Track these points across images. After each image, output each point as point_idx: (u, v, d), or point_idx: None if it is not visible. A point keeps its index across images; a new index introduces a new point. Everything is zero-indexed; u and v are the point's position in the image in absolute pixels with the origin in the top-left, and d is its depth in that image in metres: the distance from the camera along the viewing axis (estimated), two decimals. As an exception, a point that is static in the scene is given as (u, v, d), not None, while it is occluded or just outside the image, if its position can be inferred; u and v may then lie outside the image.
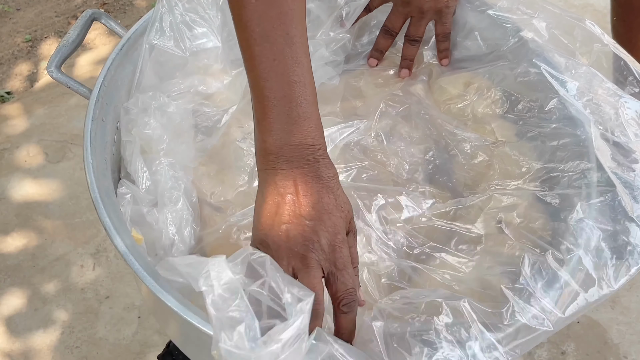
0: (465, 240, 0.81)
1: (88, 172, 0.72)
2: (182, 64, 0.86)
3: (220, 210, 0.84)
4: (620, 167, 0.72)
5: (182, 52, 0.85)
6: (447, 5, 0.89)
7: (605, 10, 1.75)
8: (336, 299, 0.59)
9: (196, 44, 0.86)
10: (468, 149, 0.87)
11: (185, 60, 0.85)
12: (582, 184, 0.76)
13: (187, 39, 0.85)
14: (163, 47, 0.84)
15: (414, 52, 0.93)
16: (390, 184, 0.87)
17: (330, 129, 0.88)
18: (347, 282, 0.58)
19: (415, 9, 0.90)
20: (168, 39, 0.84)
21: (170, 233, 0.76)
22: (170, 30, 0.85)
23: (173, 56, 0.85)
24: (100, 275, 1.30)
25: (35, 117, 1.56)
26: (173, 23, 0.85)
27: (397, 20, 0.92)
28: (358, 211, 0.83)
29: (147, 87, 0.82)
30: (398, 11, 0.91)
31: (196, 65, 0.86)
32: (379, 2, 0.92)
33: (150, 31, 0.83)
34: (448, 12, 0.90)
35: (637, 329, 1.25)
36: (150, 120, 0.80)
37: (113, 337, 1.22)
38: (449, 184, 0.86)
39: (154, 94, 0.82)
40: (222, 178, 0.85)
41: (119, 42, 0.84)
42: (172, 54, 0.84)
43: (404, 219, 0.84)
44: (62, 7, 1.91)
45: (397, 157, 0.88)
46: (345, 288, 0.58)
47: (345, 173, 0.87)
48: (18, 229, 1.36)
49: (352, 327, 0.61)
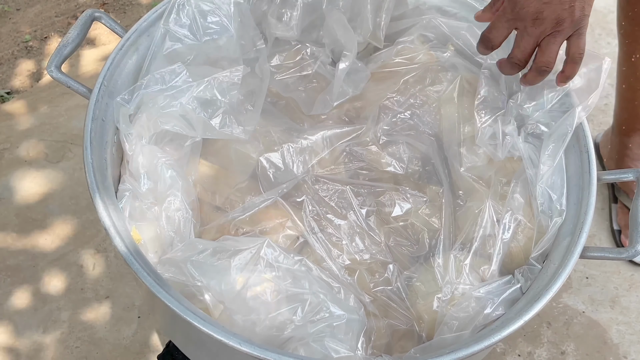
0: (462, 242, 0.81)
1: (88, 172, 0.72)
2: (194, 52, 0.85)
3: (220, 209, 0.84)
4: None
5: (196, 39, 0.84)
6: (584, 14, 0.75)
7: (606, 10, 1.75)
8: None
9: (209, 32, 0.85)
10: (465, 150, 0.87)
11: (198, 48, 0.85)
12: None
13: (201, 27, 0.84)
14: (177, 33, 0.83)
15: (539, 81, 0.80)
16: (388, 184, 0.87)
17: (331, 131, 0.88)
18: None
19: (549, 26, 0.75)
20: (182, 26, 0.84)
21: (170, 231, 0.76)
22: (187, 17, 0.84)
23: (186, 43, 0.84)
24: (100, 275, 1.30)
25: (35, 117, 1.55)
26: (189, 10, 0.84)
27: (527, 45, 0.77)
28: (353, 210, 0.83)
29: (155, 75, 0.82)
30: (528, 33, 0.76)
31: (207, 54, 0.86)
32: (504, 36, 0.79)
33: (168, 16, 0.83)
34: (585, 24, 0.76)
35: (637, 329, 1.25)
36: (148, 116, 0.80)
37: (113, 337, 1.22)
38: (445, 184, 0.86)
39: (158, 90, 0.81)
40: (222, 178, 0.85)
41: (119, 42, 0.84)
42: (185, 40, 0.84)
43: (399, 217, 0.84)
44: (62, 7, 1.90)
45: (395, 158, 0.88)
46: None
47: (343, 173, 0.87)
48: (18, 229, 1.36)
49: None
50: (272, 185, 0.84)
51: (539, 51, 0.77)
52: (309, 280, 0.72)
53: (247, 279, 0.71)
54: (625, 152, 1.33)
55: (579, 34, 0.76)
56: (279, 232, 0.82)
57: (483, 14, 0.82)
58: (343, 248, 0.81)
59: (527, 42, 0.76)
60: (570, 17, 0.74)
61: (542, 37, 0.76)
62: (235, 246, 0.73)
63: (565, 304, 1.28)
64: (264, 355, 0.63)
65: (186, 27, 0.84)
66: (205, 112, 0.81)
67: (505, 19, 0.77)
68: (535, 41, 0.76)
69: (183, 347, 0.82)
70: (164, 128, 0.80)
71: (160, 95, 0.80)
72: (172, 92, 0.80)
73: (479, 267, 0.78)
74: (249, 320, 0.69)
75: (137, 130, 0.79)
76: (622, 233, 1.34)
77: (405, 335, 0.79)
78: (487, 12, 0.82)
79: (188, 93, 0.80)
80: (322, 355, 0.68)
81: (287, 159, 0.86)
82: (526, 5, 0.74)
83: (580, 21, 0.74)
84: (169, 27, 0.83)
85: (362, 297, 0.78)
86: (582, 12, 0.74)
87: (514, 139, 0.82)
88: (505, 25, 0.77)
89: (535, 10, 0.74)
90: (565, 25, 0.74)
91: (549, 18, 0.74)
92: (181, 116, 0.81)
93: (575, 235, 0.75)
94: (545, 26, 0.74)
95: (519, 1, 0.75)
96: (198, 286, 0.70)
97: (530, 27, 0.75)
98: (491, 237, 0.79)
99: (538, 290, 0.72)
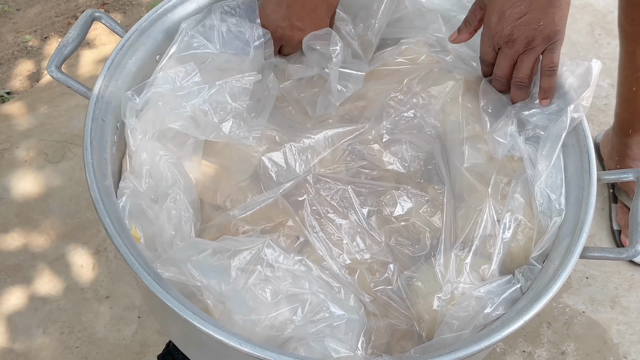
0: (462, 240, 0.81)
1: (88, 172, 0.72)
2: (208, 59, 0.85)
3: (220, 208, 0.84)
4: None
5: (215, 49, 0.85)
6: (556, 30, 0.79)
7: (606, 10, 1.75)
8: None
9: (229, 45, 0.86)
10: (467, 150, 0.87)
11: (213, 57, 0.85)
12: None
13: (222, 39, 0.85)
14: (196, 35, 0.84)
15: (523, 97, 0.87)
16: (390, 183, 0.87)
17: (333, 130, 0.88)
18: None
19: (521, 46, 0.81)
20: (204, 33, 0.85)
21: (170, 229, 0.76)
22: (210, 27, 0.85)
23: (202, 49, 0.85)
24: (100, 275, 1.30)
25: (35, 117, 1.55)
26: (214, 19, 0.85)
27: (505, 64, 0.85)
28: (354, 209, 0.83)
29: (167, 74, 0.82)
30: (505, 53, 0.83)
31: (220, 64, 0.86)
32: (493, 56, 0.86)
33: (192, 21, 0.85)
34: (560, 38, 0.81)
35: (637, 329, 1.25)
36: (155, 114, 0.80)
37: (113, 337, 1.22)
38: (447, 184, 0.86)
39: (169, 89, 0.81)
40: (224, 176, 0.85)
41: (119, 42, 0.84)
42: (203, 48, 0.84)
43: (400, 216, 0.84)
44: (62, 7, 1.90)
45: (397, 157, 0.88)
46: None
47: (345, 172, 0.87)
48: (18, 229, 1.36)
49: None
50: (274, 185, 0.84)
51: (515, 68, 0.84)
52: (309, 280, 0.72)
53: (247, 279, 0.71)
54: (626, 152, 1.33)
55: (552, 48, 0.81)
56: (280, 231, 0.82)
57: (459, 35, 0.88)
58: (343, 247, 0.81)
59: (504, 62, 0.84)
60: (541, 35, 0.79)
61: (517, 55, 0.83)
62: (236, 246, 0.73)
63: (565, 304, 1.28)
64: (264, 355, 0.63)
65: (207, 36, 0.85)
66: (215, 115, 0.82)
67: (487, 43, 0.85)
68: (512, 60, 0.83)
69: (183, 347, 0.82)
70: (171, 127, 0.80)
71: (170, 94, 0.80)
72: (183, 93, 0.81)
73: (479, 267, 0.78)
74: (249, 320, 0.69)
75: (142, 126, 0.79)
76: (622, 233, 1.34)
77: (405, 335, 0.79)
78: (462, 33, 0.88)
79: (200, 95, 0.81)
80: (322, 355, 0.68)
81: (289, 158, 0.86)
82: (499, 31, 0.81)
83: (553, 36, 0.80)
84: (190, 31, 0.84)
85: (362, 297, 0.78)
86: (553, 28, 0.79)
87: (515, 139, 0.83)
88: (489, 49, 0.85)
89: (508, 33, 0.80)
90: (536, 42, 0.80)
91: (520, 39, 0.80)
92: (190, 117, 0.81)
93: (575, 235, 0.75)
94: (518, 46, 0.81)
95: (492, 27, 0.82)
96: (198, 286, 0.70)
97: (505, 48, 0.82)
98: (491, 237, 0.79)
99: (538, 290, 0.72)
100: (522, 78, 0.84)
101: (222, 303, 0.70)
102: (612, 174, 0.82)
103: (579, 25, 1.71)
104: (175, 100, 0.80)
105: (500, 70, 0.85)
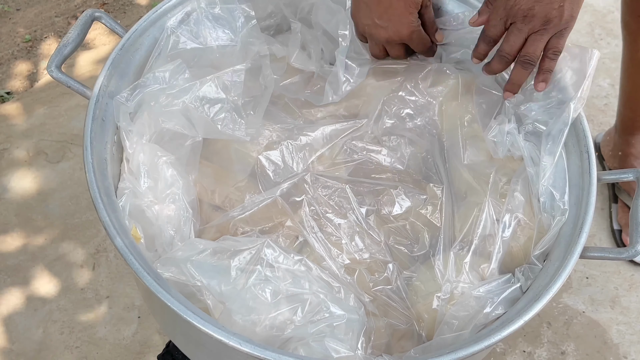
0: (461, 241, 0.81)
1: (88, 172, 0.72)
2: (197, 56, 0.85)
3: (219, 208, 0.84)
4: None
5: (201, 44, 0.85)
6: (572, 16, 0.78)
7: (605, 10, 1.75)
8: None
9: (215, 38, 0.86)
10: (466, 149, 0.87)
11: (202, 53, 0.85)
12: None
13: (208, 33, 0.85)
14: (183, 35, 0.84)
15: (525, 77, 0.84)
16: (388, 182, 0.87)
17: (331, 127, 0.88)
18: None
19: (538, 23, 0.78)
20: (189, 29, 0.85)
21: (170, 229, 0.76)
22: (195, 22, 0.85)
23: (190, 46, 0.85)
24: (100, 275, 1.30)
25: (35, 117, 1.55)
26: (198, 15, 0.85)
27: (517, 40, 0.81)
28: (352, 209, 0.83)
29: (156, 73, 0.82)
30: (518, 29, 0.80)
31: (210, 59, 0.86)
32: (501, 31, 0.82)
33: (176, 19, 0.85)
34: (571, 25, 0.79)
35: (637, 329, 1.25)
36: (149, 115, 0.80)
37: (113, 337, 1.22)
38: (445, 183, 0.86)
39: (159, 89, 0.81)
40: (222, 177, 0.85)
41: (119, 41, 0.84)
42: (190, 44, 0.84)
43: (399, 216, 0.84)
44: (62, 7, 1.90)
45: (396, 155, 0.88)
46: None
47: (343, 169, 0.87)
48: (18, 229, 1.36)
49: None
50: (272, 184, 0.84)
51: (525, 44, 0.80)
52: (308, 280, 0.72)
53: (247, 279, 0.71)
54: (630, 151, 1.33)
55: (561, 34, 0.79)
56: (279, 232, 0.82)
57: (480, 17, 0.84)
58: (343, 247, 0.81)
59: (516, 38, 0.80)
60: (559, 17, 0.77)
61: (530, 33, 0.79)
62: (235, 246, 0.73)
63: (565, 304, 1.28)
64: (264, 355, 0.63)
65: (192, 31, 0.85)
66: (208, 111, 0.82)
67: (499, 16, 0.80)
68: (524, 37, 0.80)
69: (183, 347, 0.82)
70: (165, 127, 0.80)
71: (161, 94, 0.80)
72: (174, 91, 0.81)
73: (478, 266, 0.78)
74: (249, 320, 0.69)
75: (137, 129, 0.79)
76: (623, 232, 1.34)
77: (405, 334, 0.79)
78: (483, 14, 0.84)
79: (191, 91, 0.81)
80: (322, 355, 0.68)
81: (286, 156, 0.86)
82: (518, 3, 0.77)
83: (568, 22, 0.78)
84: (175, 29, 0.84)
85: (362, 297, 0.78)
86: (570, 13, 0.77)
87: (514, 137, 0.83)
88: (500, 22, 0.81)
89: (527, 7, 0.77)
90: (553, 24, 0.78)
91: (539, 16, 0.77)
92: (183, 115, 0.81)
93: (575, 235, 0.75)
94: (534, 23, 0.78)
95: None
96: (198, 286, 0.70)
97: (520, 24, 0.78)
98: (491, 236, 0.79)
99: (538, 290, 0.72)
100: (531, 55, 0.80)
101: (222, 303, 0.70)
102: (612, 174, 0.82)
103: (579, 25, 1.71)
104: (167, 99, 0.80)
105: (509, 46, 0.81)
